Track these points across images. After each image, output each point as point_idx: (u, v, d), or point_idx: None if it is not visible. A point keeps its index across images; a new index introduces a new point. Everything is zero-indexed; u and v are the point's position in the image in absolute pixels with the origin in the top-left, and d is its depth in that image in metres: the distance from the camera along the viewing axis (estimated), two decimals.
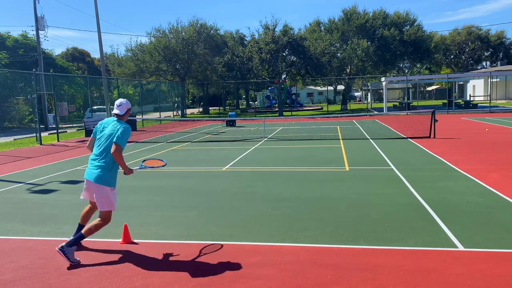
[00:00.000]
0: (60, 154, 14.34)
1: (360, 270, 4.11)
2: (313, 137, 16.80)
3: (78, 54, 63.80)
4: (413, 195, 6.95)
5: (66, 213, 6.55)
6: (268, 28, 38.10)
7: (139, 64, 40.08)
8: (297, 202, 6.75)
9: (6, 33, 37.78)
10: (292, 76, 45.20)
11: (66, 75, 33.47)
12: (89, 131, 21.23)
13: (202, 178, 9.18)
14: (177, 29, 40.62)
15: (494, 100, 42.19)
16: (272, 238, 5.11)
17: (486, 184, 7.56)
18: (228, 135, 19.14)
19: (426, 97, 68.78)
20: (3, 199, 7.75)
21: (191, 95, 68.76)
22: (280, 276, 4.06)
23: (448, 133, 16.42)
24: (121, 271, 4.28)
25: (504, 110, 30.95)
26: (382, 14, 41.76)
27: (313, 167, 10.09)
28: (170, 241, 5.15)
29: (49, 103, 27.28)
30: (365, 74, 43.06)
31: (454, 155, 11.02)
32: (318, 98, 70.91)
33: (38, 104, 19.84)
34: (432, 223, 5.45)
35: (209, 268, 4.30)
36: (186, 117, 39.19)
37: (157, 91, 37.27)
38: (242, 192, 7.66)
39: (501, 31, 61.70)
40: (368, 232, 5.18)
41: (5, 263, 4.62)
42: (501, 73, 43.17)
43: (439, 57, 56.27)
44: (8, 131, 26.58)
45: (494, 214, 5.78)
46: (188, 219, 6.02)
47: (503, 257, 4.34)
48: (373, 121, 25.07)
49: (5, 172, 10.85)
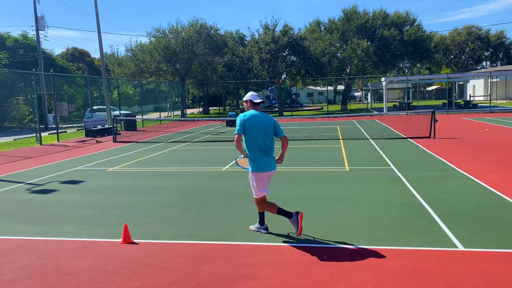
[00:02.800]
0: (60, 154, 14.34)
1: (360, 270, 4.11)
2: (313, 137, 16.80)
3: (78, 54, 63.79)
4: (413, 195, 6.95)
5: (66, 213, 6.55)
6: (268, 28, 38.09)
7: (139, 64, 40.08)
8: (297, 202, 6.75)
9: (6, 33, 37.80)
10: (292, 76, 45.17)
11: (66, 75, 33.47)
12: (89, 131, 21.24)
13: (202, 178, 9.18)
14: (177, 29, 40.62)
15: (494, 100, 42.18)
16: (272, 238, 5.11)
17: (486, 184, 7.56)
18: (228, 135, 19.13)
19: (426, 97, 68.75)
20: (3, 199, 7.75)
21: (191, 95, 68.75)
22: (280, 276, 4.06)
23: (448, 133, 16.41)
24: (121, 271, 4.28)
25: (504, 110, 30.95)
26: (382, 14, 41.76)
27: (313, 167, 10.09)
28: (170, 241, 5.15)
29: (49, 103, 27.25)
30: (365, 74, 43.05)
31: (454, 155, 11.02)
32: (318, 98, 70.90)
33: (38, 104, 19.84)
34: (432, 223, 5.45)
35: (209, 268, 4.30)
36: (186, 117, 39.19)
37: (157, 91, 37.28)
38: (242, 192, 7.65)
39: (501, 31, 61.75)
40: (368, 232, 5.18)
41: (5, 263, 4.62)
42: (501, 73, 43.17)
43: (439, 57, 56.23)
44: (8, 131, 26.58)
45: (494, 214, 5.78)
46: (188, 219, 6.02)
47: (503, 257, 4.34)
48: (373, 121, 25.06)
49: (5, 172, 10.85)
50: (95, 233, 5.53)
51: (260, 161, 5.15)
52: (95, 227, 5.78)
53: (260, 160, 5.15)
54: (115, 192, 8.06)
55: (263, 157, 5.16)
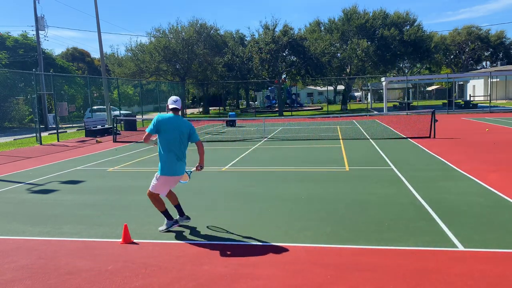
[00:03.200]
0: (60, 154, 14.34)
1: (360, 270, 4.11)
2: (313, 137, 16.80)
3: (78, 54, 63.80)
4: (413, 195, 6.95)
5: (66, 213, 6.55)
6: (268, 28, 38.11)
7: (139, 64, 40.10)
8: (297, 202, 6.75)
9: (6, 33, 37.78)
10: (292, 76, 45.20)
11: (66, 75, 33.45)
12: (89, 131, 21.23)
13: (202, 178, 9.18)
14: (177, 29, 40.64)
15: (494, 100, 42.18)
16: (272, 238, 5.11)
17: (486, 184, 7.55)
18: (228, 135, 19.13)
19: (426, 97, 68.75)
20: (3, 199, 7.75)
21: (191, 95, 68.76)
22: (280, 276, 4.05)
23: (448, 133, 16.41)
24: (121, 271, 4.28)
25: (504, 110, 30.94)
26: (382, 14, 41.77)
27: (313, 167, 10.09)
28: (170, 241, 5.15)
29: (49, 103, 27.25)
30: (365, 74, 43.06)
31: (454, 155, 11.02)
32: (318, 98, 70.90)
33: (38, 104, 19.83)
34: (432, 223, 5.45)
35: (209, 268, 4.30)
36: (186, 117, 39.18)
37: (157, 91, 37.27)
38: (242, 192, 7.66)
39: (501, 31, 61.77)
40: (368, 232, 5.17)
41: (5, 263, 4.62)
42: (501, 73, 43.17)
43: (439, 57, 56.27)
44: (8, 131, 26.57)
45: (494, 214, 5.78)
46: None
47: (503, 257, 4.34)
48: (373, 121, 25.06)
49: (5, 172, 10.85)
50: (95, 233, 5.53)
51: (174, 165, 5.29)
52: (95, 227, 5.78)
53: (174, 164, 5.28)
54: (115, 192, 8.06)
55: (177, 162, 5.30)
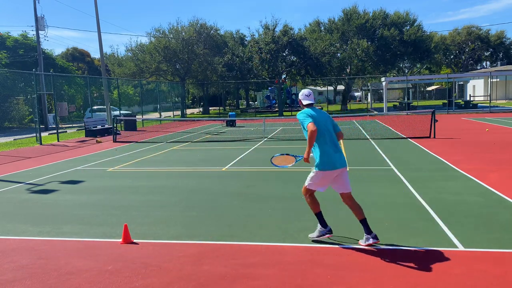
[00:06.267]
0: (60, 154, 14.34)
1: (360, 270, 4.11)
2: None
3: (78, 54, 63.75)
4: (413, 195, 6.95)
5: (66, 213, 6.55)
6: (268, 28, 38.09)
7: (139, 64, 40.08)
8: (297, 202, 6.75)
9: (6, 33, 37.75)
10: (292, 76, 45.16)
11: (66, 75, 33.43)
12: (89, 131, 21.23)
13: (202, 178, 9.18)
14: (177, 29, 40.63)
15: (494, 100, 42.17)
16: (272, 238, 5.11)
17: (486, 184, 7.55)
18: (228, 135, 19.13)
19: (426, 97, 68.75)
20: (3, 199, 7.75)
21: (191, 95, 68.74)
22: (280, 276, 4.05)
23: (448, 133, 16.41)
24: (121, 271, 4.28)
25: (504, 110, 30.94)
26: (382, 14, 41.76)
27: (313, 167, 10.07)
28: (170, 241, 5.15)
29: (49, 103, 27.23)
30: (365, 74, 43.04)
31: (454, 155, 11.02)
32: (318, 98, 70.83)
33: (38, 104, 19.82)
34: (432, 223, 5.45)
35: (209, 268, 4.30)
36: (186, 117, 39.19)
37: (157, 91, 37.27)
38: (242, 192, 7.66)
39: (501, 31, 61.75)
40: None
41: (5, 263, 4.62)
42: (501, 73, 43.17)
43: (439, 57, 56.22)
44: (8, 131, 26.58)
45: (494, 214, 5.78)
46: (188, 219, 6.02)
47: (503, 257, 4.34)
48: (373, 121, 25.06)
49: (5, 172, 10.84)
50: (95, 233, 5.53)
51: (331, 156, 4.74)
52: (95, 227, 5.78)
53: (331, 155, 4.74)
54: (115, 192, 8.06)
55: (334, 153, 4.78)
